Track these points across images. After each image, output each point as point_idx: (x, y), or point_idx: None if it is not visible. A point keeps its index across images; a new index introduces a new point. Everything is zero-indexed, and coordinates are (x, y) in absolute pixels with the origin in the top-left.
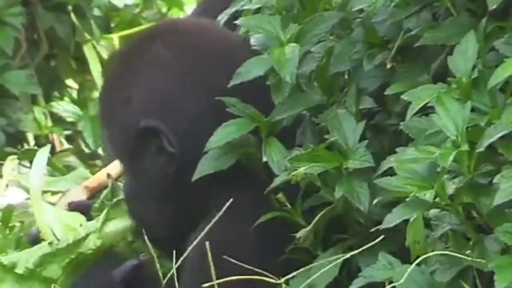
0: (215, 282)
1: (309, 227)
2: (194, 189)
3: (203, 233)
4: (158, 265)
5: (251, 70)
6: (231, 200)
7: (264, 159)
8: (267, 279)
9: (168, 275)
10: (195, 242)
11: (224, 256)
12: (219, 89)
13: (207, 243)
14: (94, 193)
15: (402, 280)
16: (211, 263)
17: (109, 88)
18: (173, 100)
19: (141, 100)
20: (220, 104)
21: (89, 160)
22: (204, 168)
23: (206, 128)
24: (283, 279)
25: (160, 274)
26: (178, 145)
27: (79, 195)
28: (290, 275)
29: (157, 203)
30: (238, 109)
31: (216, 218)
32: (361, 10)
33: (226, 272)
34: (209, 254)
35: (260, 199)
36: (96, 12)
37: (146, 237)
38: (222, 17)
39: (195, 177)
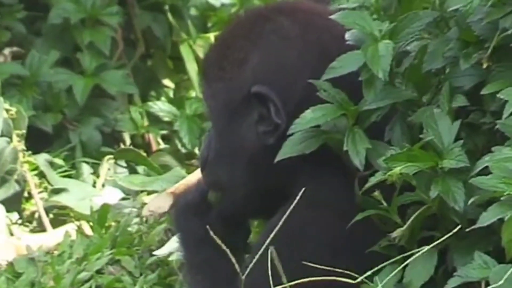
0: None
1: (405, 226)
2: (282, 166)
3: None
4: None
5: (344, 65)
6: (304, 188)
7: (345, 148)
8: (351, 273)
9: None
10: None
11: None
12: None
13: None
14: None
15: (501, 281)
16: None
17: (223, 45)
18: (291, 73)
19: (257, 64)
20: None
21: (186, 160)
22: (287, 150)
23: None
24: (363, 276)
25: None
26: (285, 118)
27: (163, 202)
28: (372, 271)
29: (241, 171)
30: (329, 94)
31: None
32: (457, 10)
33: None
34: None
35: (346, 186)
36: (193, 11)
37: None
38: None
39: (277, 158)
